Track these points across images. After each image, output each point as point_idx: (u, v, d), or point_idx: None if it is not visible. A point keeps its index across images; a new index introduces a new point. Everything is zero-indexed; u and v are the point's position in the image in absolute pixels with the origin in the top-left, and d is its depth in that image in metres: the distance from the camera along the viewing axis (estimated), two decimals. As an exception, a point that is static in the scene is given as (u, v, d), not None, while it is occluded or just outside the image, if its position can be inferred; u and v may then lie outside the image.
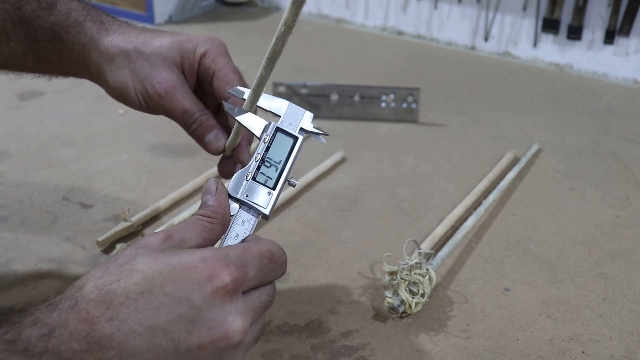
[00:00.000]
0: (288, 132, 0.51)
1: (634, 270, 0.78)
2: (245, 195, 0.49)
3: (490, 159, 1.02)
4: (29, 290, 0.71)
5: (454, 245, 0.78)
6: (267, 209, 0.49)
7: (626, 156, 1.05)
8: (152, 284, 0.41)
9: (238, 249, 0.44)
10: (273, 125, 0.52)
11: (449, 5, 1.51)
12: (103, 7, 1.60)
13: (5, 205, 0.86)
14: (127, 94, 0.60)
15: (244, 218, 0.49)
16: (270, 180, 0.50)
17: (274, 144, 0.51)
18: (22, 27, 0.61)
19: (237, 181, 0.49)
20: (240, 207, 0.49)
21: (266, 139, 0.51)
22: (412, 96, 1.12)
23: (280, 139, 0.51)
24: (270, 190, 0.49)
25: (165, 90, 0.59)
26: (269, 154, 0.50)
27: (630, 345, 0.67)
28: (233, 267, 0.43)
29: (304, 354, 0.64)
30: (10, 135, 1.04)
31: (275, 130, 0.51)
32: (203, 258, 0.42)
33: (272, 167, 0.50)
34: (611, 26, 1.34)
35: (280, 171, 0.50)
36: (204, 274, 0.42)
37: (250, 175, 0.49)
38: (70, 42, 0.61)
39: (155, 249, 0.43)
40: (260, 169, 0.50)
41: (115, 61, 0.60)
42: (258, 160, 0.50)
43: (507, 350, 0.66)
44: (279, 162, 0.50)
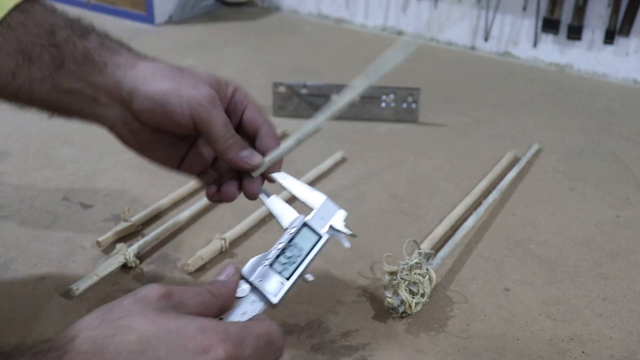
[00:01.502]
0: (314, 230, 0.52)
1: (634, 270, 0.78)
2: (259, 280, 0.49)
3: (490, 159, 1.02)
4: (29, 290, 0.71)
5: (454, 245, 0.78)
6: (276, 297, 0.49)
7: (626, 156, 1.05)
8: (146, 346, 0.40)
9: (238, 326, 0.44)
10: (302, 219, 0.53)
11: (449, 5, 1.51)
12: (103, 6, 1.60)
13: (5, 205, 0.86)
14: (170, 102, 0.59)
15: (253, 299, 0.49)
16: (286, 270, 0.50)
17: (298, 236, 0.52)
18: (49, 52, 0.62)
19: (253, 264, 0.50)
20: (252, 290, 0.49)
21: (292, 230, 0.52)
22: (412, 96, 1.12)
23: (305, 234, 0.52)
24: (284, 281, 0.50)
25: (212, 98, 0.60)
26: (291, 245, 0.51)
27: (630, 345, 0.67)
28: (230, 343, 0.42)
29: (304, 354, 0.64)
30: (10, 135, 1.04)
31: (302, 225, 0.52)
32: (202, 328, 0.42)
33: (291, 259, 0.51)
34: (611, 26, 1.34)
35: (298, 265, 0.51)
36: (200, 345, 0.41)
37: (268, 262, 0.50)
38: (102, 63, 0.62)
39: (153, 307, 0.43)
40: (279, 258, 0.50)
41: (158, 74, 0.61)
42: (279, 250, 0.50)
43: (507, 350, 0.66)
44: (298, 256, 0.51)
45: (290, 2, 1.71)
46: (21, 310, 0.68)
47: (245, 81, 1.27)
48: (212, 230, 0.81)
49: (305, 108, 1.13)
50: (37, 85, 0.62)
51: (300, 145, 1.04)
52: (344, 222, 0.55)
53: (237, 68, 1.33)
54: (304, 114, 1.13)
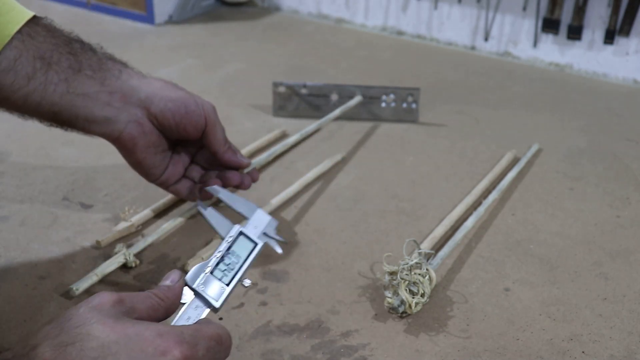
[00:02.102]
0: (250, 238, 0.56)
1: (634, 270, 0.78)
2: (201, 286, 0.53)
3: (490, 159, 1.02)
4: (28, 290, 0.71)
5: (454, 245, 0.78)
6: (218, 302, 0.52)
7: (626, 156, 1.05)
8: (107, 351, 0.43)
9: (191, 329, 0.47)
10: (238, 228, 0.57)
11: (449, 5, 1.51)
12: (103, 6, 1.60)
13: (5, 205, 0.86)
14: (189, 105, 0.72)
15: (197, 304, 0.52)
16: (226, 277, 0.54)
17: (235, 245, 0.56)
18: (67, 58, 0.67)
19: (196, 272, 0.53)
20: (195, 296, 0.53)
21: (229, 239, 0.56)
22: (412, 96, 1.12)
23: (241, 242, 0.56)
24: (224, 286, 0.53)
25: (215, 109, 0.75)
26: (229, 253, 0.55)
27: (630, 345, 0.67)
28: (185, 345, 0.45)
29: (304, 354, 0.64)
30: (11, 135, 1.04)
31: (238, 234, 0.56)
32: (160, 333, 0.45)
33: (230, 265, 0.54)
34: (611, 26, 1.34)
35: (236, 271, 0.54)
36: (158, 348, 0.44)
37: (209, 269, 0.53)
38: (117, 70, 0.70)
39: (108, 314, 0.45)
40: (219, 265, 0.54)
41: (168, 86, 0.72)
42: (218, 258, 0.54)
43: (507, 350, 0.66)
44: (236, 262, 0.55)
45: (290, 2, 1.71)
46: (21, 310, 0.68)
47: (245, 81, 1.28)
48: (212, 230, 0.81)
49: (305, 108, 1.13)
50: (51, 88, 0.67)
51: (301, 145, 1.05)
52: (275, 230, 0.59)
53: (237, 68, 1.33)
54: (304, 114, 1.13)
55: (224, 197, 0.60)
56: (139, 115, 0.70)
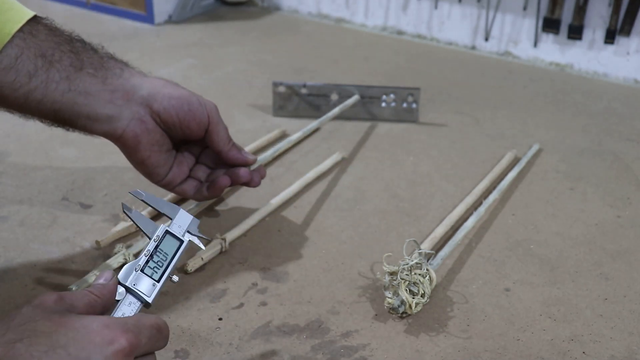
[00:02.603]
0: (176, 236, 0.59)
1: (634, 271, 0.78)
2: (133, 284, 0.55)
3: (490, 159, 1.02)
4: (28, 291, 0.71)
5: (454, 246, 0.78)
6: (150, 297, 0.55)
7: (627, 156, 1.05)
8: (56, 344, 0.44)
9: (134, 319, 0.50)
10: (163, 227, 0.59)
11: (449, 4, 1.51)
12: (102, 6, 1.60)
13: (4, 205, 0.86)
14: (192, 104, 0.72)
15: (130, 301, 0.55)
16: (156, 273, 0.56)
17: (162, 243, 0.58)
18: (69, 57, 0.68)
19: (127, 270, 0.56)
20: (128, 293, 0.55)
21: (156, 238, 0.58)
22: (412, 96, 1.12)
23: (168, 240, 0.58)
24: (155, 282, 0.56)
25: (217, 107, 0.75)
26: (157, 251, 0.57)
27: (631, 345, 0.67)
28: (130, 333, 0.48)
29: (304, 354, 0.64)
30: (10, 135, 1.04)
31: (165, 232, 0.58)
32: (105, 324, 0.47)
33: (159, 263, 0.57)
34: (612, 26, 1.34)
35: (165, 268, 0.57)
36: (106, 338, 0.46)
37: (140, 267, 0.56)
38: (119, 69, 0.71)
39: (52, 311, 0.47)
40: (149, 263, 0.56)
41: (170, 84, 0.73)
42: (148, 256, 0.57)
43: (507, 350, 0.66)
44: (165, 259, 0.57)
45: (290, 2, 1.71)
46: (20, 310, 0.68)
47: (245, 81, 1.27)
48: (212, 230, 0.81)
49: (305, 108, 1.13)
50: (52, 86, 0.67)
51: (301, 145, 1.05)
52: (197, 228, 0.61)
53: (237, 68, 1.33)
54: (303, 114, 1.13)
55: (148, 199, 0.62)
56: (141, 113, 0.71)
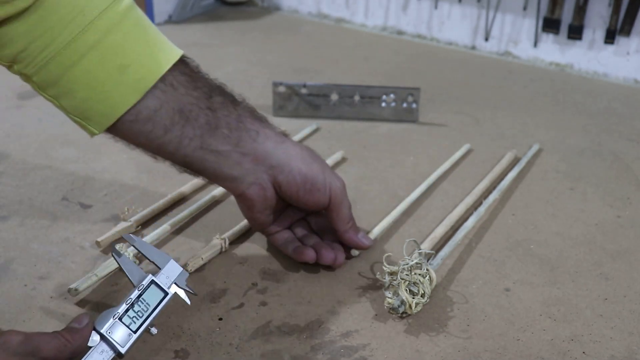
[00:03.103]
0: (161, 287, 0.58)
1: (634, 271, 0.78)
2: (109, 331, 0.54)
3: (490, 159, 1.02)
4: (28, 290, 0.71)
5: (454, 246, 0.78)
6: (124, 348, 0.54)
7: (627, 156, 1.05)
8: None
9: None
10: (150, 277, 0.58)
11: (449, 4, 1.51)
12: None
13: (4, 205, 0.86)
14: (317, 181, 0.70)
15: (103, 349, 0.54)
16: (134, 324, 0.55)
17: (146, 293, 0.57)
18: (206, 114, 0.66)
19: (104, 317, 0.55)
20: (102, 340, 0.54)
21: (140, 287, 0.57)
22: (412, 96, 1.12)
23: (152, 291, 0.58)
24: (132, 333, 0.55)
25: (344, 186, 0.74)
26: (140, 301, 0.57)
27: (631, 345, 0.67)
28: None
29: (304, 354, 0.64)
30: (10, 135, 1.04)
31: (150, 282, 0.58)
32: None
33: (139, 312, 0.56)
34: (612, 26, 1.34)
35: (145, 319, 0.56)
36: None
37: (118, 315, 0.55)
38: (255, 132, 0.68)
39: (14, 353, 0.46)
40: (128, 312, 0.55)
41: (303, 155, 0.71)
42: (128, 304, 0.56)
43: (507, 350, 0.66)
44: (146, 310, 0.56)
45: (290, 2, 1.71)
46: (20, 310, 0.68)
47: (245, 81, 1.27)
48: (212, 230, 0.81)
49: (305, 108, 1.13)
50: (186, 142, 0.66)
51: (300, 145, 1.04)
52: (185, 281, 0.60)
53: (237, 68, 1.33)
54: (304, 114, 1.13)
55: (139, 245, 0.61)
56: (264, 179, 0.70)
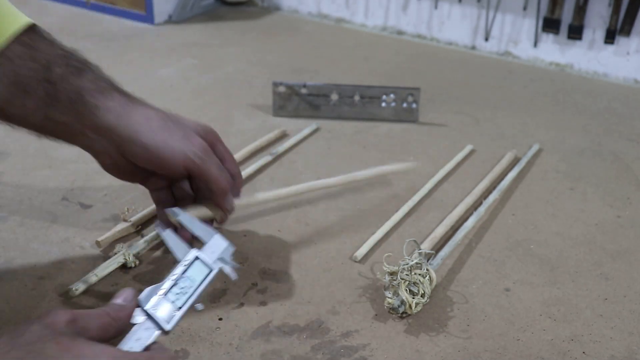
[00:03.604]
0: (206, 263, 0.57)
1: (634, 271, 0.78)
2: (153, 309, 0.53)
3: (490, 159, 1.02)
4: (28, 291, 0.71)
5: (454, 246, 0.78)
6: (169, 325, 0.53)
7: (627, 156, 1.05)
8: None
9: (144, 356, 0.48)
10: (194, 253, 0.57)
11: (449, 4, 1.51)
12: (102, 6, 1.60)
13: (4, 205, 0.86)
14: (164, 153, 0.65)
15: (147, 326, 0.53)
16: (179, 300, 0.54)
17: (191, 269, 0.56)
18: (44, 87, 0.64)
19: (149, 294, 0.54)
20: (146, 317, 0.53)
21: (185, 263, 0.56)
22: (412, 96, 1.12)
23: (197, 267, 0.56)
24: (176, 310, 0.54)
25: (206, 149, 0.68)
26: (184, 277, 0.55)
27: (631, 345, 0.67)
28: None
29: (304, 354, 0.64)
30: (10, 135, 1.03)
31: (194, 258, 0.57)
32: (115, 357, 0.45)
33: (184, 289, 0.55)
34: (612, 26, 1.34)
35: (190, 296, 0.55)
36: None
37: (163, 292, 0.54)
38: (95, 105, 0.65)
39: (62, 333, 0.45)
40: (173, 288, 0.54)
41: (151, 123, 0.66)
42: (173, 281, 0.55)
43: (507, 350, 0.66)
44: (191, 286, 0.55)
45: (290, 2, 1.71)
46: (20, 310, 0.68)
47: (245, 81, 1.27)
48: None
49: (305, 108, 1.13)
50: (30, 113, 0.64)
51: (301, 145, 1.05)
52: (231, 255, 0.59)
53: (237, 68, 1.33)
54: (304, 114, 1.13)
55: (184, 220, 0.61)
56: (111, 150, 0.67)
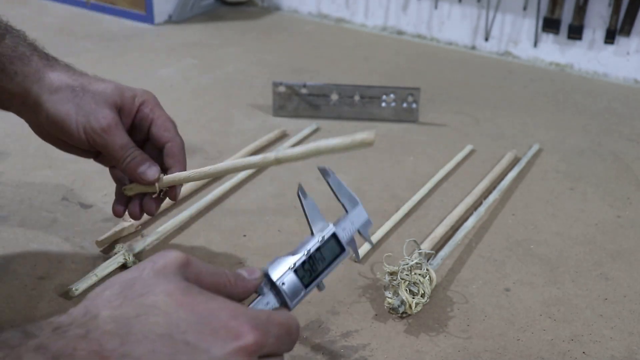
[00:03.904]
0: (340, 242, 0.54)
1: (634, 271, 0.78)
2: (282, 282, 0.50)
3: (490, 159, 1.02)
4: (28, 291, 0.71)
5: (454, 246, 0.78)
6: (293, 302, 0.50)
7: (627, 156, 1.05)
8: (174, 329, 0.40)
9: (265, 314, 0.45)
10: (331, 228, 0.54)
11: (449, 4, 1.51)
12: (102, 6, 1.60)
13: (4, 205, 0.86)
14: (68, 125, 0.64)
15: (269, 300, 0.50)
16: (306, 277, 0.51)
17: (325, 246, 0.53)
18: None
19: (279, 265, 0.51)
20: (270, 289, 0.50)
21: (321, 239, 0.53)
22: (412, 96, 1.12)
23: (331, 244, 0.54)
24: (303, 287, 0.51)
25: (108, 125, 0.64)
26: (317, 254, 0.52)
27: (631, 345, 0.67)
28: (259, 330, 0.42)
29: (304, 354, 0.64)
30: (10, 135, 1.04)
31: (331, 235, 0.54)
32: (234, 314, 0.42)
33: (314, 267, 0.52)
34: (612, 26, 1.34)
35: (318, 274, 0.52)
36: (232, 331, 0.41)
37: (295, 266, 0.51)
38: (13, 72, 0.65)
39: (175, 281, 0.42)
40: (305, 264, 0.51)
41: (59, 93, 0.65)
42: (307, 255, 0.51)
43: (507, 350, 0.66)
44: (321, 264, 0.52)
45: (290, 2, 1.71)
46: (20, 310, 0.68)
47: (245, 81, 1.27)
48: (212, 230, 0.81)
49: (305, 108, 1.13)
50: None
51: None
52: (368, 231, 0.56)
53: (237, 68, 1.33)
54: (304, 114, 1.13)
55: (332, 181, 0.57)
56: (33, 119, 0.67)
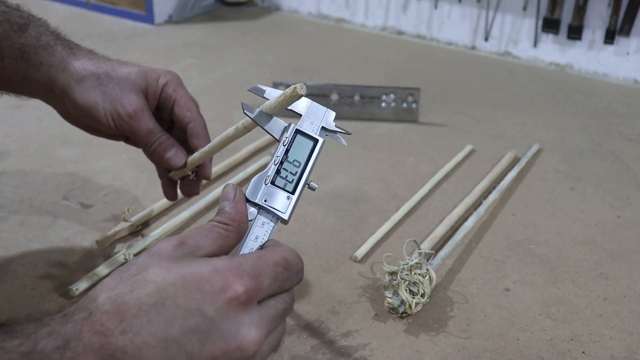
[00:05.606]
0: (308, 135, 0.50)
1: (634, 271, 0.78)
2: (264, 200, 0.48)
3: (490, 159, 1.02)
4: (28, 291, 0.71)
5: (454, 245, 0.78)
6: (286, 213, 0.48)
7: (627, 156, 1.05)
8: (164, 295, 0.41)
9: (252, 258, 0.44)
10: (293, 127, 0.50)
11: (449, 4, 1.51)
12: (102, 6, 1.60)
13: (4, 205, 0.86)
14: (96, 113, 0.65)
15: (263, 220, 0.48)
16: (289, 184, 0.49)
17: (293, 146, 0.50)
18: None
19: (255, 185, 0.48)
20: (259, 212, 0.48)
21: (285, 141, 0.50)
22: (412, 96, 1.12)
23: (300, 142, 0.50)
24: (290, 195, 0.48)
25: (134, 111, 0.65)
26: (288, 157, 0.49)
27: (630, 345, 0.67)
28: (247, 277, 0.42)
29: (304, 354, 0.64)
30: (10, 135, 1.04)
31: (295, 133, 0.50)
32: (216, 269, 0.42)
33: (291, 170, 0.49)
34: (611, 26, 1.34)
35: (299, 175, 0.49)
36: (216, 285, 0.41)
37: (269, 179, 0.48)
38: (38, 62, 0.65)
39: (167, 257, 0.43)
40: (280, 172, 0.49)
41: (85, 82, 0.65)
42: (277, 164, 0.49)
43: (507, 350, 0.66)
44: (298, 165, 0.49)
45: (290, 2, 1.71)
46: (21, 310, 0.68)
47: (245, 81, 1.27)
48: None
49: (305, 108, 1.13)
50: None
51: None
52: (334, 121, 0.53)
53: (237, 68, 1.33)
54: (304, 114, 1.13)
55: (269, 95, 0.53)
56: (60, 106, 0.68)
